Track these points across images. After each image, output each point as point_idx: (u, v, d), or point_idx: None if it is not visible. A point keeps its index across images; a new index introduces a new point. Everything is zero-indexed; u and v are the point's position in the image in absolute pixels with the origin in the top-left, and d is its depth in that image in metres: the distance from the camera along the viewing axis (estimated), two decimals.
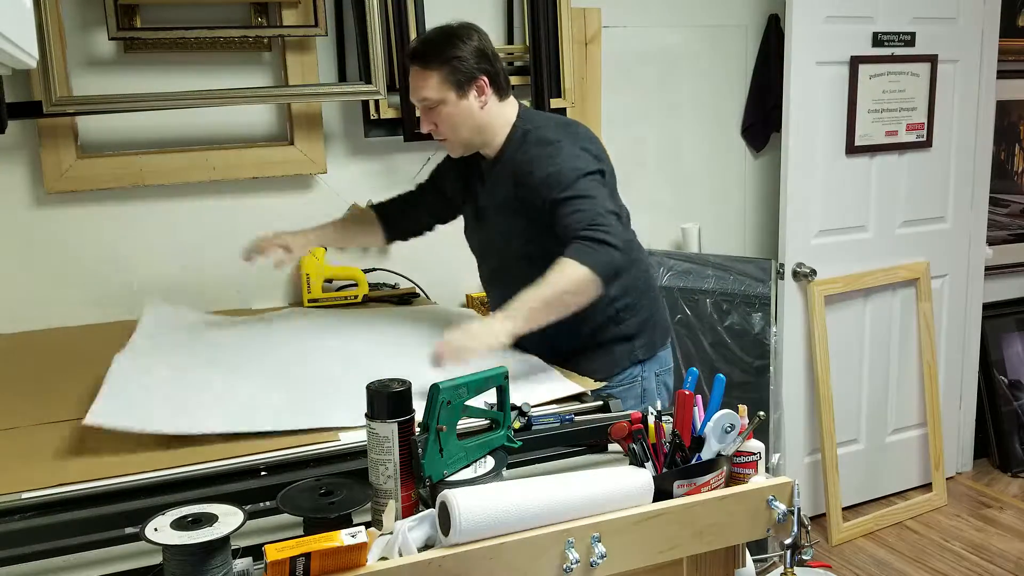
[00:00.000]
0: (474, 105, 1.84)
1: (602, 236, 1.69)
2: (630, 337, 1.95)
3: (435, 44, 1.82)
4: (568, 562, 1.11)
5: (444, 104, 1.82)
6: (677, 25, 3.02)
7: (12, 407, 1.64)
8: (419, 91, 1.83)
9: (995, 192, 3.48)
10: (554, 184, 1.76)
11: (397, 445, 1.18)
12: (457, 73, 1.81)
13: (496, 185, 1.91)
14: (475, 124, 1.86)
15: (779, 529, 1.25)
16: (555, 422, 1.46)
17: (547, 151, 1.80)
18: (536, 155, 1.81)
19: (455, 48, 1.81)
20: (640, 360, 1.96)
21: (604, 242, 1.69)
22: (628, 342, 1.95)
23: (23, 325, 2.28)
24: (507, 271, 1.94)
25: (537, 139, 1.84)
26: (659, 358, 2.01)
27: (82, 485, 1.27)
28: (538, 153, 1.81)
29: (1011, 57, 3.46)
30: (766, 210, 3.26)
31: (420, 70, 1.82)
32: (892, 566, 2.87)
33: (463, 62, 1.81)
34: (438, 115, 1.84)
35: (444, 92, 1.81)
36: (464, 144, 1.90)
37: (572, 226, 1.72)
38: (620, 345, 1.94)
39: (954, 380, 3.42)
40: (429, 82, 1.81)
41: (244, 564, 1.06)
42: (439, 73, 1.80)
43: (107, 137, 2.36)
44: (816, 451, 3.06)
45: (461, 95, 1.83)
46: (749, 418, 1.31)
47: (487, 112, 1.86)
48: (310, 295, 2.46)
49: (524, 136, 1.87)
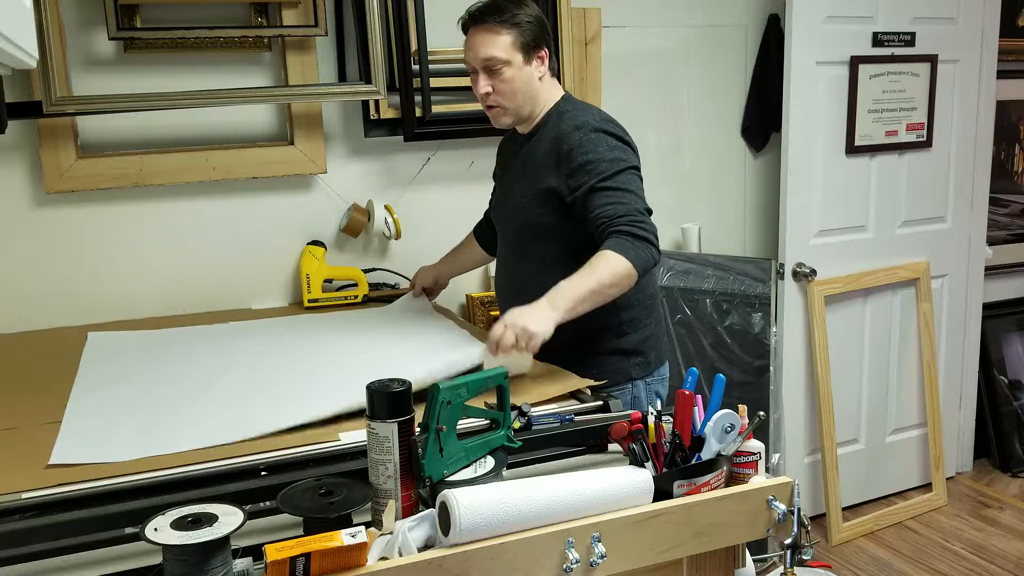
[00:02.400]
0: (535, 74, 1.86)
1: (641, 232, 1.71)
2: (628, 353, 1.92)
3: (505, 6, 1.82)
4: (568, 562, 1.11)
5: (508, 66, 1.82)
6: (677, 25, 3.02)
7: (12, 407, 1.64)
8: (487, 49, 1.81)
9: (995, 192, 3.48)
10: (593, 171, 1.77)
11: (397, 445, 1.18)
12: (526, 36, 1.82)
13: (528, 158, 1.91)
14: (531, 93, 1.87)
15: (779, 529, 1.25)
16: (555, 422, 1.46)
17: (589, 137, 1.80)
18: (577, 139, 1.81)
19: (525, 13, 1.84)
20: (633, 378, 1.94)
21: (645, 239, 1.71)
22: (625, 357, 1.92)
23: (23, 325, 2.29)
24: (520, 248, 1.96)
25: (578, 123, 1.84)
26: (650, 374, 1.98)
27: (82, 485, 1.28)
28: (579, 138, 1.81)
29: (1011, 57, 3.46)
30: (766, 210, 3.26)
31: (490, 28, 1.81)
32: (892, 566, 2.87)
33: (531, 26, 1.83)
34: (498, 77, 1.83)
35: (512, 53, 1.82)
36: (515, 113, 1.89)
37: (612, 217, 1.73)
38: (617, 359, 1.91)
39: (954, 380, 3.42)
40: (499, 41, 1.81)
41: (244, 564, 1.06)
42: (511, 34, 1.81)
43: (107, 137, 2.36)
44: (816, 451, 3.06)
45: (527, 60, 1.84)
46: (749, 418, 1.31)
47: (542, 84, 1.88)
48: (310, 295, 2.46)
49: (561, 117, 1.88)
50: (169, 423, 1.50)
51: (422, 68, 2.53)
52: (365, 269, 2.57)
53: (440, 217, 2.70)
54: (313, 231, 2.58)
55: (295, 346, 1.99)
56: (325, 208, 2.60)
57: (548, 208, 1.86)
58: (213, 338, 2.10)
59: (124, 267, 2.41)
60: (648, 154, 3.07)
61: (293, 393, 1.63)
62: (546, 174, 1.85)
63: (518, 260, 1.97)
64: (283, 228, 2.56)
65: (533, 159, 1.90)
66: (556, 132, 1.86)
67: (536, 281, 1.86)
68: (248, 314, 2.40)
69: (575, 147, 1.80)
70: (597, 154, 1.78)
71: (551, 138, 1.87)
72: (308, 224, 2.58)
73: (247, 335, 2.12)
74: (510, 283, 2.02)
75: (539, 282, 1.82)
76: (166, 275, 2.45)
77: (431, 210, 2.70)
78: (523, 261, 1.95)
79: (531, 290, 1.84)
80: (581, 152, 1.79)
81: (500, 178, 2.09)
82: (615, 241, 1.70)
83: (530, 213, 1.89)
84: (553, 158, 1.84)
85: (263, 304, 2.53)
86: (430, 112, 2.55)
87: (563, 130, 1.85)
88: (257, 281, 2.54)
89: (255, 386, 1.68)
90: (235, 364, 1.84)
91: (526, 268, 1.95)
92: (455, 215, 2.73)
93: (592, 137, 1.80)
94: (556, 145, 1.84)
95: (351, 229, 2.58)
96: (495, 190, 2.15)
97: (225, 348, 1.99)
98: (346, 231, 2.59)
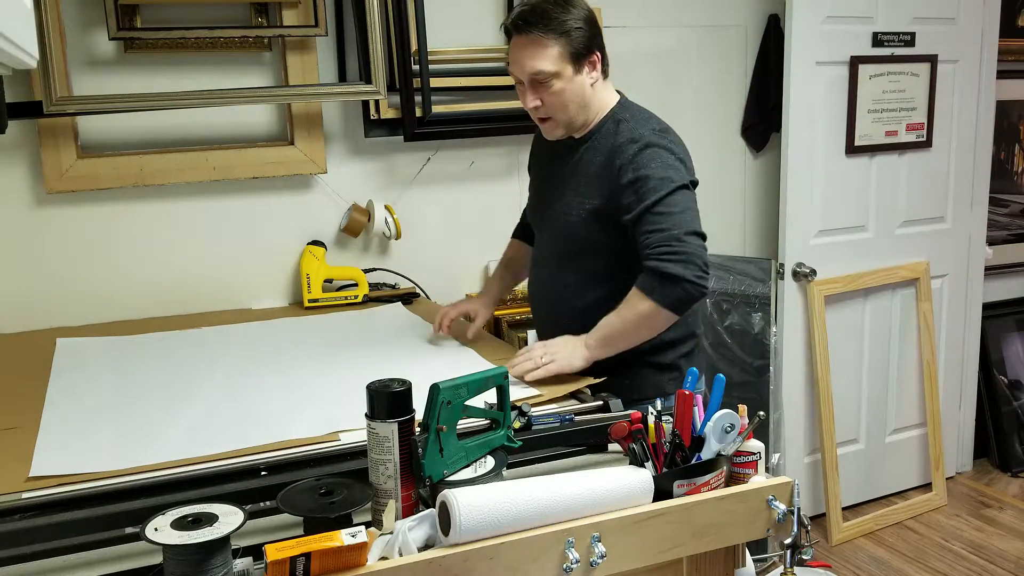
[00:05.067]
0: (587, 81, 1.74)
1: (671, 268, 1.62)
2: (663, 368, 1.84)
3: (551, 12, 1.68)
4: (568, 562, 1.11)
5: (558, 78, 1.70)
6: (677, 25, 3.02)
7: (12, 407, 1.64)
8: (533, 63, 1.69)
9: (995, 192, 3.48)
10: (642, 190, 1.68)
11: (397, 445, 1.18)
12: (575, 44, 1.69)
13: (581, 167, 1.80)
14: (584, 102, 1.75)
15: (779, 529, 1.25)
16: (555, 422, 1.46)
17: (644, 153, 1.71)
18: (631, 153, 1.71)
19: (572, 17, 1.69)
20: (667, 393, 1.78)
21: (675, 275, 1.62)
22: (660, 372, 1.84)
23: (23, 325, 2.29)
24: (563, 258, 1.86)
25: (634, 136, 1.73)
26: None
27: (82, 485, 1.28)
28: (633, 152, 1.71)
29: (1011, 57, 3.46)
30: (766, 210, 3.26)
31: (536, 39, 1.68)
32: (892, 566, 2.87)
33: (581, 32, 1.69)
34: (547, 90, 1.71)
35: (561, 65, 1.69)
36: (567, 124, 1.78)
37: (650, 247, 1.66)
38: (652, 372, 1.83)
39: (954, 380, 3.42)
40: (547, 53, 1.68)
41: (244, 564, 1.06)
42: (559, 44, 1.68)
43: (107, 137, 2.36)
44: (816, 451, 3.06)
45: (577, 70, 1.71)
46: (749, 418, 1.31)
47: (595, 90, 1.77)
48: (310, 295, 2.46)
49: (618, 125, 1.77)
50: (145, 435, 1.48)
51: (422, 68, 2.53)
52: (365, 269, 2.57)
53: (440, 217, 2.70)
54: (313, 231, 2.58)
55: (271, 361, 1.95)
56: (325, 208, 2.60)
57: (600, 225, 1.77)
58: (186, 345, 2.06)
59: (124, 267, 2.41)
60: None
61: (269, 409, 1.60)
62: (599, 188, 1.76)
63: (560, 268, 1.87)
64: (283, 228, 2.56)
65: (587, 169, 1.79)
66: (612, 143, 1.75)
67: (573, 292, 1.84)
68: (248, 314, 2.40)
69: (627, 163, 1.71)
70: (649, 170, 1.68)
71: (606, 149, 1.76)
72: (308, 224, 2.58)
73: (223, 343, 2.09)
74: (549, 291, 1.92)
75: (578, 294, 1.82)
76: (166, 275, 2.45)
77: (431, 210, 2.70)
78: (564, 271, 1.86)
79: (568, 300, 1.84)
80: (633, 169, 1.70)
81: (542, 179, 1.96)
82: (644, 279, 1.66)
83: (579, 227, 1.79)
84: (607, 171, 1.74)
85: (263, 304, 2.53)
86: (430, 112, 2.55)
87: (619, 141, 1.74)
88: (257, 281, 2.54)
89: (230, 400, 1.65)
90: (212, 375, 1.81)
91: (566, 279, 1.86)
92: (455, 215, 2.73)
93: (647, 153, 1.70)
94: (610, 158, 1.74)
95: (351, 229, 2.58)
96: (534, 188, 2.02)
97: (202, 357, 1.96)
98: (346, 231, 2.59)
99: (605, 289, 1.77)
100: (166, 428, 1.51)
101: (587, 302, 1.80)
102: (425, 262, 2.66)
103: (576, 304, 1.82)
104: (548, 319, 1.92)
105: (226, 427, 1.50)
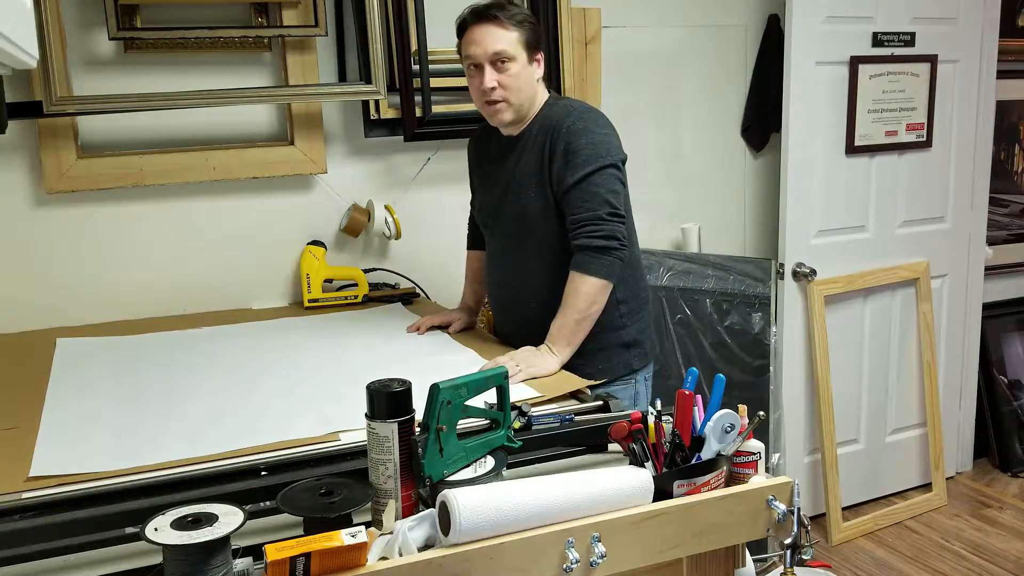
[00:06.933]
0: (535, 74, 1.93)
1: (599, 243, 1.82)
2: (628, 345, 2.00)
3: (508, 7, 1.89)
4: (568, 562, 1.10)
5: (515, 62, 1.88)
6: (677, 25, 3.02)
7: (12, 407, 1.64)
8: (495, 44, 1.86)
9: (995, 192, 3.48)
10: (572, 163, 1.85)
11: (397, 445, 1.18)
12: (528, 36, 1.90)
13: (521, 158, 1.96)
14: (531, 92, 1.93)
15: (779, 529, 1.25)
16: (555, 422, 1.46)
17: (575, 128, 1.87)
18: (564, 128, 1.88)
19: (526, 14, 1.93)
20: (635, 369, 2.01)
21: (606, 248, 1.82)
22: (627, 349, 2.00)
23: (23, 325, 2.29)
24: (519, 241, 1.99)
25: (566, 112, 1.91)
26: (648, 365, 2.07)
27: (82, 485, 1.28)
28: (566, 127, 1.88)
29: (1011, 57, 3.46)
30: (766, 210, 3.26)
31: (499, 23, 1.87)
32: (892, 566, 2.87)
33: (533, 28, 1.92)
34: (506, 72, 1.88)
35: (519, 51, 1.88)
36: (516, 109, 1.93)
37: (576, 225, 1.85)
38: (620, 351, 1.99)
39: (954, 380, 3.42)
40: (508, 36, 1.86)
41: (244, 564, 1.06)
42: (519, 31, 1.88)
43: (107, 137, 2.36)
44: (816, 451, 3.06)
45: (530, 59, 1.91)
46: (749, 418, 1.31)
47: (538, 87, 1.95)
48: (310, 295, 2.46)
49: (551, 108, 1.95)
50: (145, 435, 1.48)
51: (422, 68, 2.53)
52: (365, 269, 2.57)
53: (440, 217, 2.70)
54: (313, 231, 2.58)
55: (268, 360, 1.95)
56: (325, 208, 2.60)
57: (548, 201, 1.92)
58: (187, 345, 2.06)
59: (124, 267, 2.41)
60: (648, 154, 3.07)
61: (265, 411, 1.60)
62: (539, 165, 1.91)
63: (521, 252, 2.00)
64: (283, 228, 2.56)
65: (530, 156, 1.94)
66: (547, 124, 1.92)
67: (532, 271, 1.97)
68: (248, 314, 2.40)
69: (560, 136, 1.88)
70: (578, 145, 1.85)
71: (545, 129, 1.92)
72: (308, 224, 2.58)
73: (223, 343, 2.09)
74: (511, 278, 2.04)
75: (542, 268, 1.94)
76: (166, 275, 2.45)
77: (431, 210, 2.70)
78: (526, 255, 1.99)
79: (531, 281, 1.97)
80: (565, 141, 1.87)
81: (491, 179, 2.08)
82: (578, 259, 1.83)
83: (529, 205, 1.94)
84: (544, 149, 1.91)
85: (263, 304, 2.53)
86: (430, 112, 2.55)
87: (552, 121, 1.91)
88: (257, 281, 2.54)
89: (230, 400, 1.65)
90: (212, 375, 1.81)
91: (528, 262, 1.98)
92: (455, 215, 2.73)
93: (577, 128, 1.87)
94: (547, 135, 1.91)
95: (351, 229, 2.58)
96: (482, 191, 2.14)
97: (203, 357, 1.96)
98: (346, 231, 2.59)
99: (565, 259, 1.89)
100: (166, 428, 1.51)
101: (551, 276, 1.92)
102: (425, 262, 2.66)
103: (542, 279, 1.95)
104: (513, 307, 2.04)
105: (226, 427, 1.50)
